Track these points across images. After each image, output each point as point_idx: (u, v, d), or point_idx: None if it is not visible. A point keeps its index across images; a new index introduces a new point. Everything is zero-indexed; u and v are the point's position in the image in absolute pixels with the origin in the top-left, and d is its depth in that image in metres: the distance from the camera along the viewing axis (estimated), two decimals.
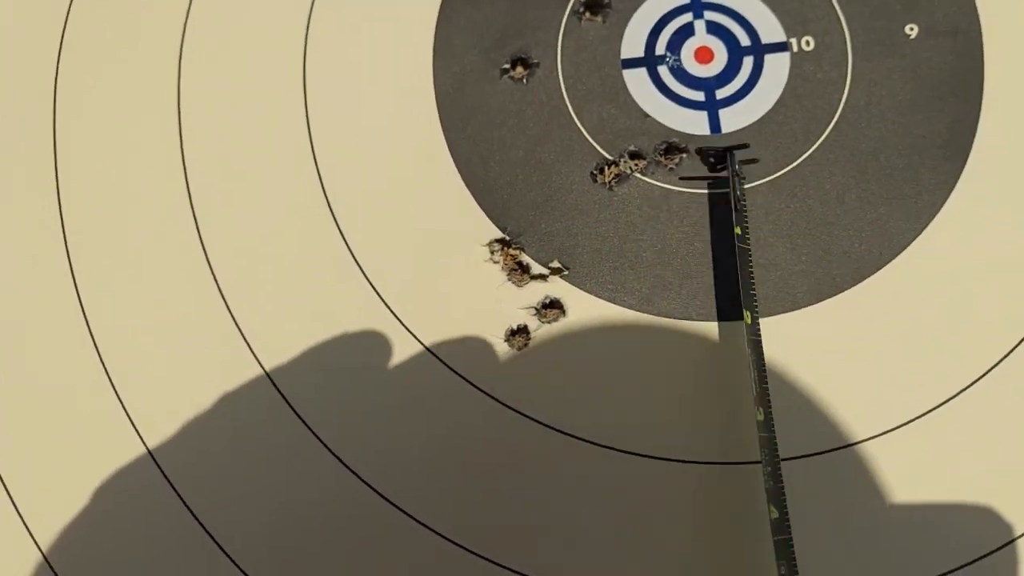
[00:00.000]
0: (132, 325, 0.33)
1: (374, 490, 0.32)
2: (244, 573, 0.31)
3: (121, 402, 0.33)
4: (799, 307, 0.32)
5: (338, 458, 0.32)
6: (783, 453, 0.31)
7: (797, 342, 0.32)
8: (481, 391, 0.32)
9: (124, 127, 0.35)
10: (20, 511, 0.32)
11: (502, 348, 0.33)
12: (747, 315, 0.30)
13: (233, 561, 0.31)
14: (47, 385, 0.33)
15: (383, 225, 0.33)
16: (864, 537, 0.31)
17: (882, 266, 0.32)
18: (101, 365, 0.33)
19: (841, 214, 0.33)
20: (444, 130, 0.34)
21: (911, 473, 0.31)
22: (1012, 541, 0.30)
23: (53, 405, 0.33)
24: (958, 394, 0.31)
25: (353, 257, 0.33)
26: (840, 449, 0.31)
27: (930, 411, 0.31)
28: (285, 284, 0.33)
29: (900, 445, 0.31)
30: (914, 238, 0.32)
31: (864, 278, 0.32)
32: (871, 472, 0.31)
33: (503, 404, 0.32)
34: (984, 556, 0.30)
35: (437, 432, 0.32)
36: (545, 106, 0.34)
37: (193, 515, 0.32)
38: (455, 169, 0.34)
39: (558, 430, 0.32)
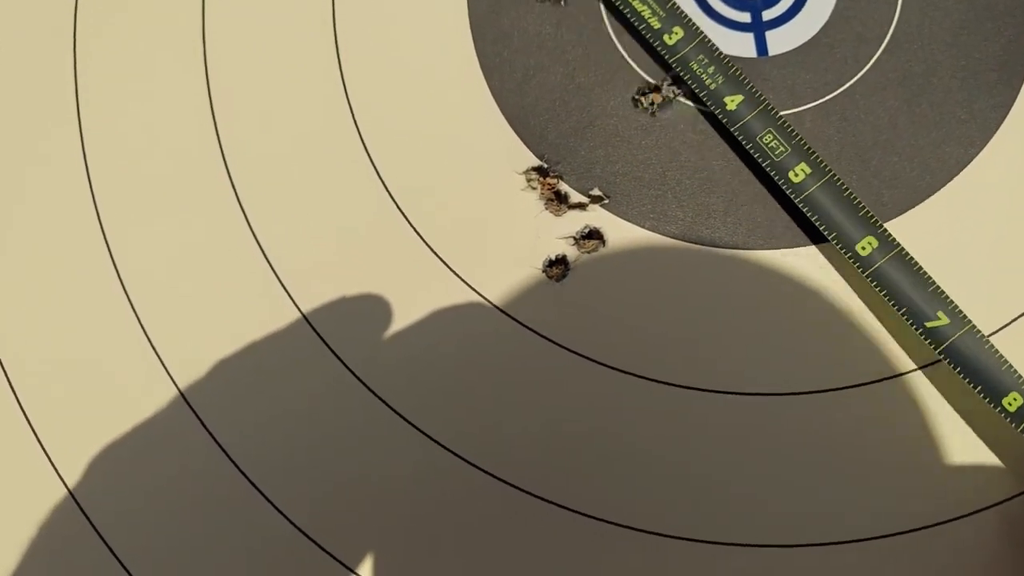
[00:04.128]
0: (161, 267, 0.32)
1: (413, 425, 0.31)
2: (281, 513, 0.31)
3: (152, 345, 0.32)
4: None
5: (377, 395, 0.31)
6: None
7: (847, 268, 0.31)
8: (517, 322, 0.31)
9: (147, 59, 0.33)
10: (50, 456, 0.32)
11: (540, 279, 0.32)
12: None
13: (269, 500, 0.31)
14: (77, 329, 0.32)
15: (416, 154, 0.32)
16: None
17: (934, 191, 0.31)
18: (131, 307, 0.32)
19: (892, 139, 0.32)
20: (478, 54, 0.33)
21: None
22: None
23: (82, 349, 0.32)
24: (1007, 325, 0.31)
25: (385, 187, 0.32)
26: (887, 380, 0.31)
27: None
28: (315, 217, 0.32)
29: (941, 375, 0.31)
30: (968, 163, 0.31)
31: (916, 204, 0.31)
32: (913, 403, 0.30)
33: (540, 335, 0.31)
34: None
35: (471, 362, 0.31)
36: (585, 29, 0.33)
37: (226, 454, 0.31)
38: (490, 95, 0.33)
39: (596, 361, 0.31)
